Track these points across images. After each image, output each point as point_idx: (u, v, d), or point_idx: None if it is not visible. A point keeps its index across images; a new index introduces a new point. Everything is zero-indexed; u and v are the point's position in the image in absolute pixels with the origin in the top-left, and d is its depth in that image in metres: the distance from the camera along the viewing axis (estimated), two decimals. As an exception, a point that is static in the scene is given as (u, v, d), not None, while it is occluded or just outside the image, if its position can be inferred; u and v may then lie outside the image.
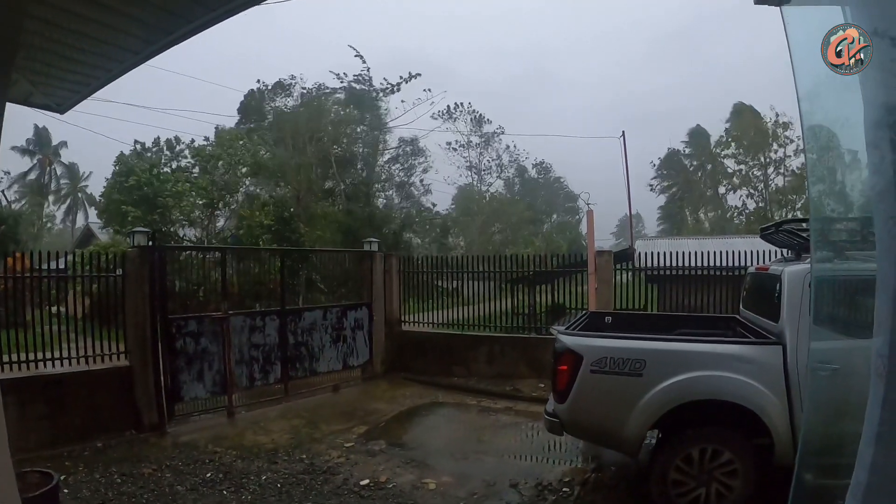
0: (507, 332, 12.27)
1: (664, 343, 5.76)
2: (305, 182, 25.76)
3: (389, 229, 26.82)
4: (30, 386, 7.79)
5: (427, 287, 13.46)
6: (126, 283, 8.83)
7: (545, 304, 12.78)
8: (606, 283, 11.17)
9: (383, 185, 31.06)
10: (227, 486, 6.56)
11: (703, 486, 5.20)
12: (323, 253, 15.68)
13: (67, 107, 5.01)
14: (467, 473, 6.79)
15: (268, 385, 10.24)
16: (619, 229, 61.04)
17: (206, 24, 3.50)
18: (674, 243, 18.17)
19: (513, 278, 13.15)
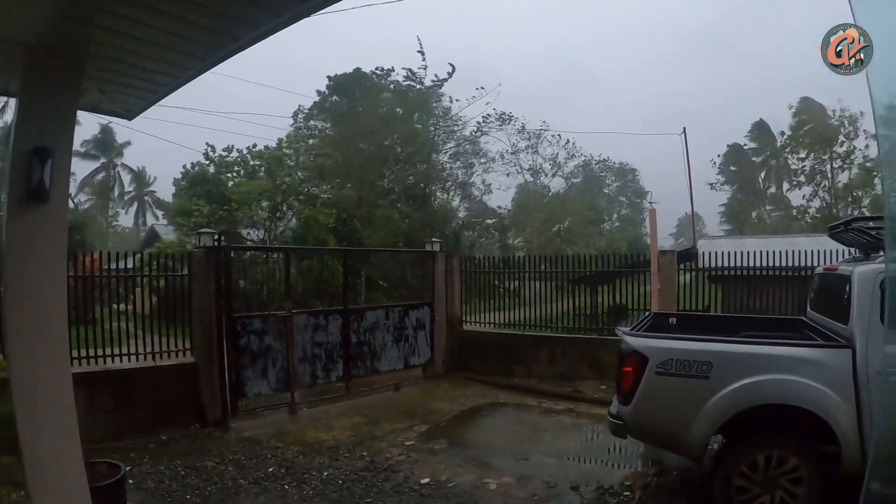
0: (568, 333, 12.14)
1: (731, 345, 5.59)
2: (367, 183, 25.94)
3: (449, 229, 26.83)
4: (99, 380, 8.08)
5: (488, 287, 13.41)
6: (192, 283, 9.06)
7: (606, 304, 12.62)
8: (670, 284, 10.96)
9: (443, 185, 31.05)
10: (288, 481, 6.65)
11: (767, 493, 5.04)
12: (385, 253, 15.82)
13: (135, 113, 5.13)
14: (528, 474, 6.74)
15: (330, 383, 10.34)
16: (679, 229, 59.81)
17: (271, 30, 3.53)
18: (737, 242, 17.72)
19: (574, 278, 13.00)
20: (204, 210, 23.40)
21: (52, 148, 3.58)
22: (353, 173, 25.69)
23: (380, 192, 26.63)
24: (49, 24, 3.31)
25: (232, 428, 8.72)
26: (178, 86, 4.45)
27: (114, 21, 3.37)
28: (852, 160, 38.23)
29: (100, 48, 3.72)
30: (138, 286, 10.30)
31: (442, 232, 24.30)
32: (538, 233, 37.52)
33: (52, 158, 3.55)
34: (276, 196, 24.73)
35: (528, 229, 38.33)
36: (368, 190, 25.79)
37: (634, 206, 55.79)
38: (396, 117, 27.19)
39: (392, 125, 26.81)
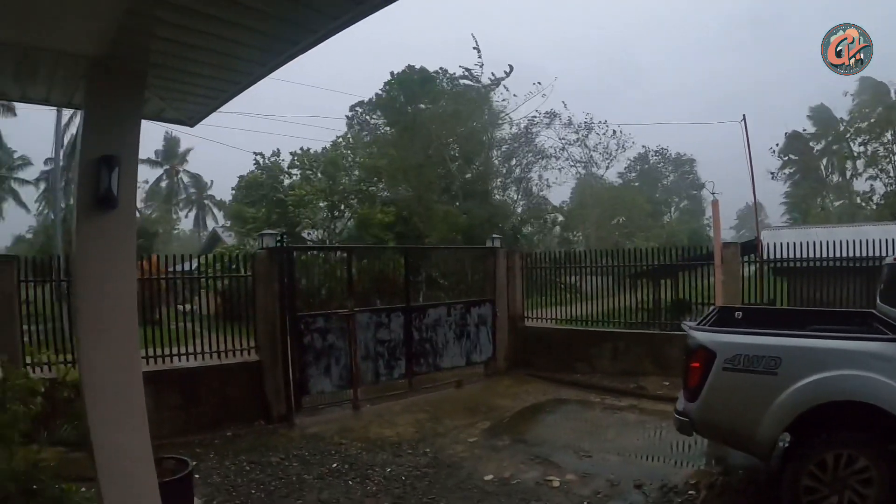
0: (630, 328, 12.01)
1: (800, 339, 5.41)
2: (425, 181, 26.07)
3: (508, 225, 26.75)
4: (166, 378, 8.34)
5: (548, 282, 13.33)
6: (256, 283, 9.26)
7: (668, 298, 12.41)
8: (733, 277, 10.68)
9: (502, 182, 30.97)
10: (352, 477, 6.74)
11: (836, 493, 4.85)
12: (445, 250, 15.85)
13: (197, 120, 5.25)
14: (591, 472, 6.67)
15: (392, 380, 10.44)
16: (740, 220, 58.26)
17: (328, 33, 3.53)
18: (801, 233, 17.14)
19: (635, 272, 12.83)
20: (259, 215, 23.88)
21: (119, 156, 3.69)
22: (411, 172, 25.81)
23: (438, 189, 26.70)
24: (111, 37, 3.41)
25: (296, 424, 8.88)
26: (238, 92, 4.52)
27: (173, 31, 3.45)
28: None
29: (161, 58, 3.82)
30: (202, 287, 10.57)
31: (501, 228, 24.24)
32: (597, 227, 37.05)
33: (118, 166, 3.67)
34: (333, 196, 25.05)
35: (587, 223, 37.88)
36: (426, 188, 25.89)
37: (693, 197, 54.58)
38: (454, 116, 27.20)
39: (450, 124, 26.83)
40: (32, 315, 8.67)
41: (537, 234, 33.80)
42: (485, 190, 28.30)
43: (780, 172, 48.60)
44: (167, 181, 57.88)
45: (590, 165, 37.31)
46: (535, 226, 33.09)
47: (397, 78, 30.22)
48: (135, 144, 3.91)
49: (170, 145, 55.74)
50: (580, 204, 38.11)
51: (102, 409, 3.63)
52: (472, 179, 28.10)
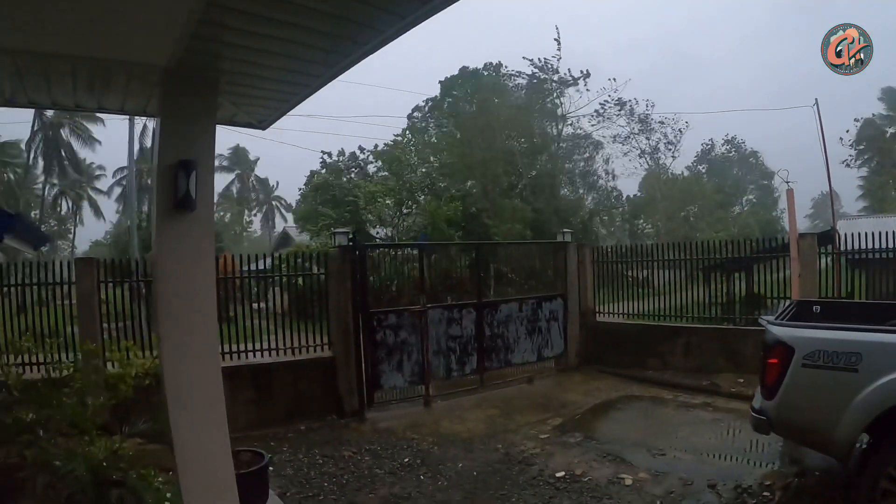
0: (702, 323, 11.70)
1: (881, 335, 5.16)
2: (492, 176, 26.03)
3: (577, 218, 26.50)
4: (241, 374, 8.57)
5: (618, 277, 13.16)
6: (329, 280, 9.45)
7: (741, 292, 12.10)
8: (810, 270, 10.27)
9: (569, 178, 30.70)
10: (423, 472, 6.82)
11: None
12: (515, 245, 15.81)
13: (268, 124, 5.37)
14: (664, 470, 6.59)
15: (463, 376, 10.48)
16: (815, 210, 56.14)
17: (395, 33, 3.55)
18: (879, 222, 16.37)
19: (706, 265, 12.53)
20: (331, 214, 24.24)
21: (195, 160, 3.83)
22: (477, 168, 25.81)
23: (505, 184, 26.63)
24: (183, 46, 3.53)
25: (368, 419, 9.02)
26: (308, 94, 4.59)
27: (243, 38, 3.54)
28: None
29: (231, 64, 3.93)
30: (275, 285, 10.83)
31: (570, 222, 24.05)
32: (666, 218, 36.31)
33: (195, 170, 3.81)
34: (401, 193, 25.24)
35: (656, 216, 37.19)
36: (493, 183, 25.85)
37: (763, 187, 52.79)
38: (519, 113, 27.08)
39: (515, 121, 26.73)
40: (111, 314, 9.06)
41: (606, 228, 33.35)
42: (552, 184, 28.10)
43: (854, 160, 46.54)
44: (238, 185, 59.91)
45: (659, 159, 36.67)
46: (604, 219, 32.65)
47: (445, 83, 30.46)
48: (210, 148, 4.05)
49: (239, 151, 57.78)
50: (648, 196, 37.45)
51: (183, 404, 3.78)
52: (540, 174, 27.93)
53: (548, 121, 28.96)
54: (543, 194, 26.86)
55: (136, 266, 9.16)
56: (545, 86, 28.84)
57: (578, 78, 28.44)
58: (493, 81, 29.62)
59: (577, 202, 29.67)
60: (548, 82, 28.77)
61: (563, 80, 28.70)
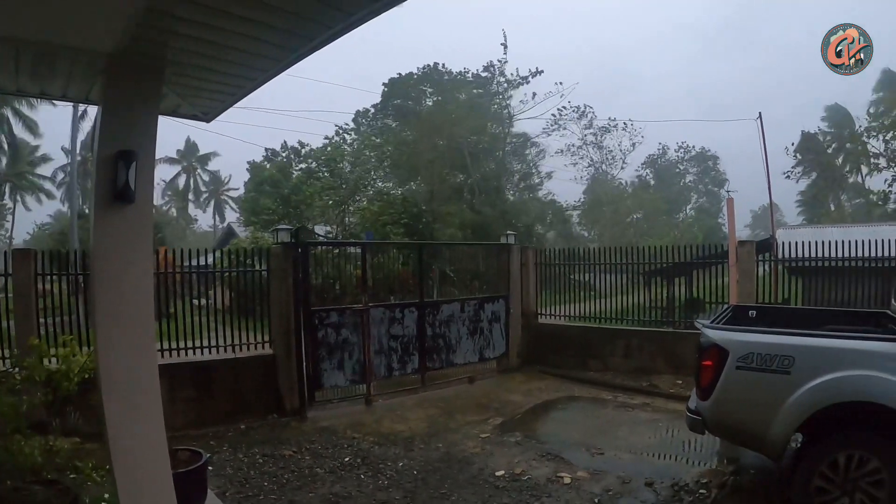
0: (643, 326, 12.00)
1: (814, 339, 5.38)
2: (437, 177, 26.07)
3: (521, 222, 26.72)
4: (181, 371, 8.45)
5: (561, 279, 13.33)
6: (271, 277, 9.35)
7: (682, 297, 12.39)
8: (748, 276, 10.63)
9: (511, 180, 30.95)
10: (364, 471, 6.79)
11: (846, 495, 4.83)
12: (459, 246, 15.86)
13: (213, 116, 5.28)
14: (602, 469, 6.70)
15: (405, 375, 10.47)
16: (755, 219, 57.98)
17: (344, 29, 3.54)
18: (816, 232, 17.04)
19: (648, 270, 12.80)
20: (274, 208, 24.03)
21: (136, 151, 3.73)
22: (422, 169, 25.85)
23: (451, 187, 26.72)
24: (129, 33, 3.44)
25: (309, 418, 8.94)
26: (254, 88, 4.54)
27: (191, 28, 3.47)
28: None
29: (178, 54, 3.85)
30: (217, 282, 10.65)
31: (514, 225, 24.25)
32: (611, 224, 37.00)
33: (136, 161, 3.71)
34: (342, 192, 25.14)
35: (601, 221, 37.84)
36: (439, 184, 25.91)
37: (711, 195, 54.37)
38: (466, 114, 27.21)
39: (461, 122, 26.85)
40: (49, 308, 8.76)
41: (550, 232, 33.74)
42: (498, 187, 28.29)
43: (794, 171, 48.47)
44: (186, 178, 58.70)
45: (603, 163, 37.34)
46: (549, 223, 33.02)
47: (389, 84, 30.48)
48: (152, 140, 3.94)
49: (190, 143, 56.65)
50: (594, 202, 38.04)
51: (118, 401, 3.67)
52: (486, 176, 28.10)
53: (495, 123, 29.12)
54: (489, 196, 27.01)
55: (74, 258, 8.86)
56: (492, 88, 29.01)
57: (526, 77, 28.67)
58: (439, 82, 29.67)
59: (522, 205, 29.89)
60: (493, 83, 28.95)
61: (510, 82, 28.92)
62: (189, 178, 60.69)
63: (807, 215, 49.37)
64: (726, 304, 9.44)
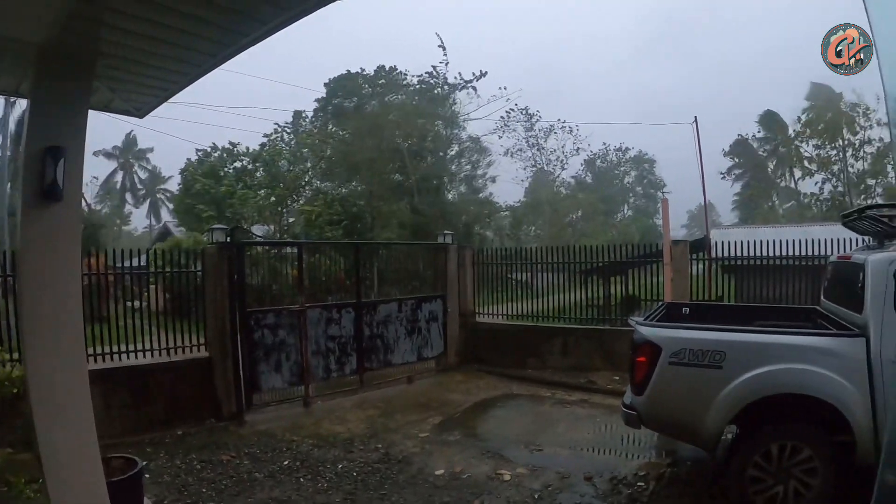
0: (580, 324, 12.13)
1: (744, 335, 5.57)
2: (376, 176, 25.99)
3: (460, 222, 26.83)
4: (114, 376, 8.13)
5: (500, 279, 13.43)
6: (205, 278, 9.13)
7: (619, 295, 12.61)
8: (682, 274, 10.92)
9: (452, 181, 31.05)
10: (303, 474, 6.70)
11: (781, 484, 5.03)
12: (397, 246, 15.82)
13: (146, 111, 5.16)
14: (542, 465, 6.76)
15: (343, 376, 10.37)
16: (691, 219, 59.63)
17: (279, 25, 3.53)
18: (750, 232, 17.66)
19: (586, 269, 12.99)
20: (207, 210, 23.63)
21: (65, 147, 3.60)
22: (362, 168, 25.72)
23: (391, 186, 26.66)
24: (60, 24, 3.32)
25: (247, 422, 8.76)
26: (187, 83, 4.47)
27: (124, 20, 3.39)
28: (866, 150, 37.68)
29: (110, 47, 3.74)
30: (151, 283, 10.36)
31: (453, 225, 24.32)
32: (550, 225, 37.47)
33: (64, 157, 3.58)
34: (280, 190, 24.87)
35: (540, 221, 38.30)
36: (378, 185, 25.83)
37: (649, 196, 55.70)
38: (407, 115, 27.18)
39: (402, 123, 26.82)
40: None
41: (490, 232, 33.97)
42: (438, 187, 28.34)
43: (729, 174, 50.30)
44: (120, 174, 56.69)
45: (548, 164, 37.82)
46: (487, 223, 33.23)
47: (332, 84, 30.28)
48: (82, 135, 3.81)
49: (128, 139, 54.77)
50: (534, 202, 38.45)
51: (48, 408, 3.56)
52: (427, 176, 28.13)
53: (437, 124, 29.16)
54: (429, 196, 27.03)
55: (3, 259, 8.45)
56: (435, 90, 29.04)
57: (470, 81, 28.80)
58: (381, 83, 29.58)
59: (462, 205, 30.00)
60: (438, 86, 28.99)
61: (453, 85, 29.00)
62: (125, 176, 58.75)
63: (741, 216, 51.07)
64: (661, 301, 9.66)
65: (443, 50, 28.27)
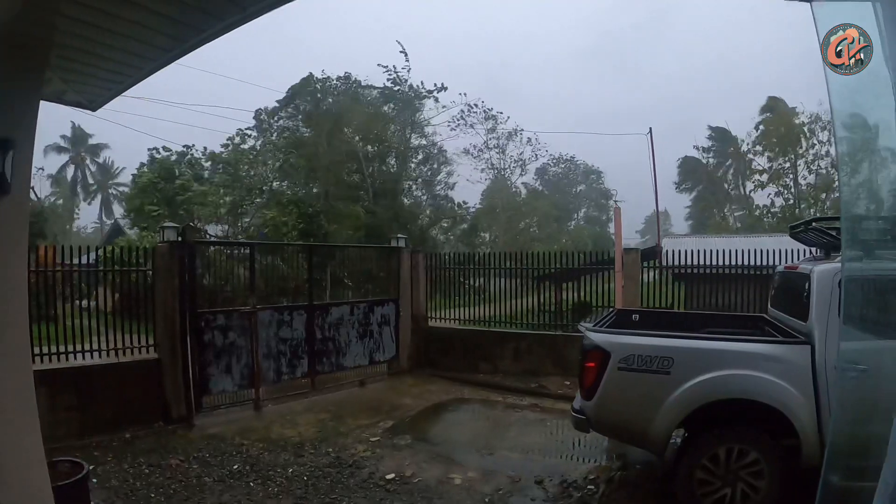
0: (533, 330, 12.26)
1: (692, 341, 5.72)
2: (334, 180, 25.86)
3: (416, 226, 26.86)
4: (61, 377, 7.92)
5: (453, 283, 13.47)
6: (156, 278, 8.96)
7: (571, 301, 12.74)
8: (633, 281, 11.11)
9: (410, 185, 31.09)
10: (253, 479, 6.62)
11: (728, 486, 5.16)
12: (350, 249, 15.75)
13: (99, 104, 5.05)
14: (493, 469, 6.80)
15: (295, 379, 10.31)
16: (646, 227, 60.69)
17: (237, 22, 3.51)
18: (701, 241, 18.09)
19: (539, 275, 13.11)
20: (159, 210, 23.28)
21: (13, 139, 3.50)
22: (320, 171, 25.61)
23: (347, 189, 26.60)
24: (11, 10, 3.23)
25: (196, 425, 8.64)
26: (142, 77, 4.41)
27: (79, 10, 3.32)
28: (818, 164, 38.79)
29: (64, 38, 3.66)
30: (101, 282, 10.11)
31: (409, 229, 24.34)
32: (504, 230, 37.71)
33: (13, 150, 3.48)
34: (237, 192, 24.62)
35: (495, 227, 38.53)
36: (335, 187, 25.74)
37: (600, 206, 56.48)
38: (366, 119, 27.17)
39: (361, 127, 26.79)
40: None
41: (445, 235, 34.07)
42: (394, 190, 28.35)
43: (681, 186, 51.50)
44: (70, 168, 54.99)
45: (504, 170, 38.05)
46: (443, 228, 33.33)
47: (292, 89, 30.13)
48: (32, 127, 3.71)
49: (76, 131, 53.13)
50: (489, 207, 38.67)
51: (-8, 409, 3.44)
52: (384, 180, 28.12)
53: (396, 129, 29.17)
54: (385, 200, 27.01)
55: None
56: (396, 96, 29.09)
57: (432, 91, 28.95)
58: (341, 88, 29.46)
59: (417, 209, 30.04)
60: (399, 92, 29.04)
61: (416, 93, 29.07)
62: (77, 170, 56.99)
63: (694, 226, 52.31)
64: (613, 307, 9.79)
65: (404, 56, 28.41)
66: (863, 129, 3.14)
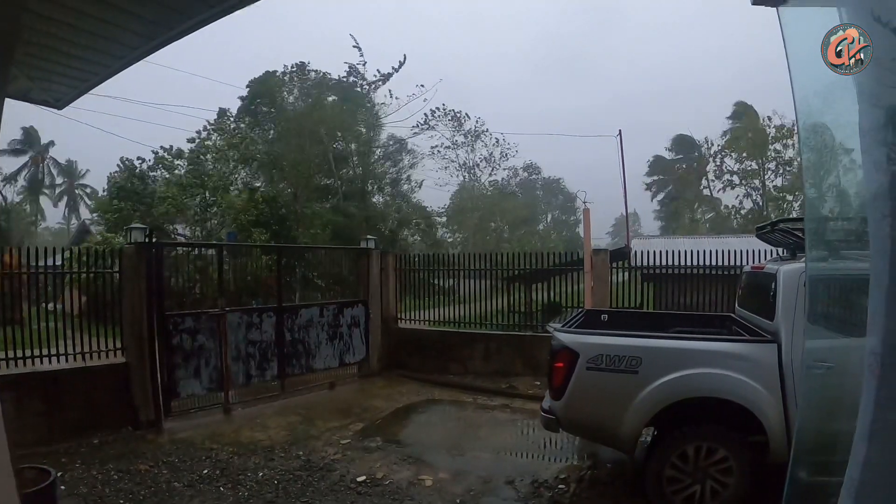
0: (503, 330, 12.31)
1: (660, 341, 5.80)
2: (303, 179, 25.74)
3: (385, 227, 26.81)
4: (26, 382, 7.81)
5: (423, 285, 13.48)
6: (123, 280, 8.83)
7: (541, 302, 12.82)
8: (602, 282, 11.21)
9: (379, 184, 31.00)
10: (223, 483, 6.57)
11: (698, 483, 5.24)
12: (320, 250, 15.68)
13: (65, 102, 5.00)
14: (464, 470, 6.81)
15: (264, 382, 10.23)
16: (616, 228, 61.26)
17: (205, 20, 3.50)
18: (670, 242, 18.33)
19: (509, 276, 13.17)
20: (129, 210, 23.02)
21: (-22, 139, 3.46)
22: (287, 170, 25.47)
23: (316, 188, 26.46)
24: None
25: (165, 430, 8.54)
26: (109, 75, 4.38)
27: (46, 7, 3.29)
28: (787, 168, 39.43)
29: (31, 34, 3.61)
30: (68, 284, 9.95)
31: (378, 229, 24.27)
32: (474, 231, 37.78)
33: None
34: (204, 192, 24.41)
35: (465, 228, 38.58)
36: (304, 186, 25.60)
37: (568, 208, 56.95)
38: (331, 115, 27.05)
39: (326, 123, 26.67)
40: None
41: (415, 237, 34.03)
42: (363, 190, 28.28)
43: (650, 188, 52.30)
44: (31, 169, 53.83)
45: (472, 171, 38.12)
46: (413, 228, 33.30)
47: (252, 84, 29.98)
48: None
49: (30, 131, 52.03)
50: (459, 208, 38.71)
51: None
52: (352, 179, 28.03)
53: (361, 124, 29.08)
54: (354, 199, 26.94)
55: None
56: (356, 88, 29.05)
57: (389, 74, 28.90)
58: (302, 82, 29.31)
59: (386, 209, 29.97)
60: (357, 84, 29.01)
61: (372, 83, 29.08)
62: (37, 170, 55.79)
63: (663, 227, 52.98)
64: (582, 308, 9.87)
65: (358, 51, 28.48)
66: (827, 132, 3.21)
